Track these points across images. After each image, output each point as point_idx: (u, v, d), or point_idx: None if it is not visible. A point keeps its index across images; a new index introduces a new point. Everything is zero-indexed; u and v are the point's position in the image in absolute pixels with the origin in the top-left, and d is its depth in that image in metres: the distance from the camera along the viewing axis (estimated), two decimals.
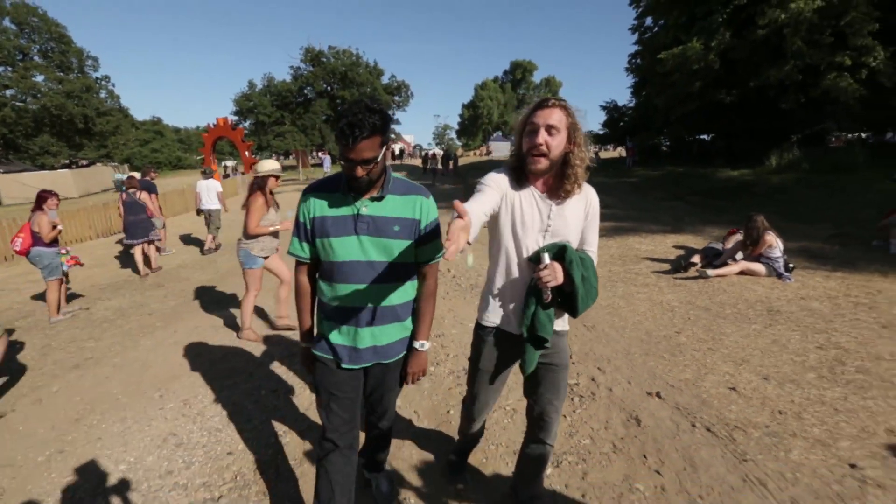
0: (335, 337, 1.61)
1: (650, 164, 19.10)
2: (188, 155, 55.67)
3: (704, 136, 19.74)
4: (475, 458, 2.37)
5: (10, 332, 4.14)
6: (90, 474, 2.35)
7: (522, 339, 1.59)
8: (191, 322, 4.67)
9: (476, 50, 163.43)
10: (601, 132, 23.59)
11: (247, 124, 36.50)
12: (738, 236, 5.70)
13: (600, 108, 23.18)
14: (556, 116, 1.43)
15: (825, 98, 12.26)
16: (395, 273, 1.56)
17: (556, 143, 1.44)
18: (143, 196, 7.04)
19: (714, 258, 5.62)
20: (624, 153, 23.09)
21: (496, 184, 1.54)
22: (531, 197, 1.54)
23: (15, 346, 4.16)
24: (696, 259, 5.65)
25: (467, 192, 15.83)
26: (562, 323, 1.68)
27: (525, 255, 1.57)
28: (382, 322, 1.60)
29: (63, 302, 5.25)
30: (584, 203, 1.59)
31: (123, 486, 2.22)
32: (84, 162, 36.48)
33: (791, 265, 5.24)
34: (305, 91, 38.77)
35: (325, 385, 1.65)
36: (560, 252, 1.49)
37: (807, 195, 9.71)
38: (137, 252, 6.76)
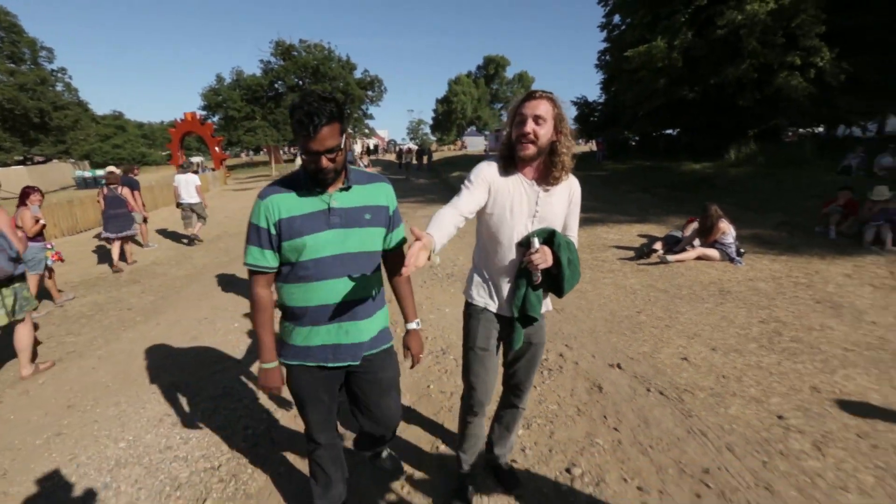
0: (315, 339, 1.55)
1: (619, 159, 19.77)
2: (153, 151, 53.71)
3: (671, 132, 20.55)
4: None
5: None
6: (92, 452, 2.47)
7: (513, 318, 1.69)
8: (172, 316, 4.73)
9: (449, 45, 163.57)
10: (572, 127, 24.12)
11: (216, 119, 35.56)
12: (696, 224, 6.13)
13: (571, 104, 23.66)
14: (542, 107, 1.53)
15: (778, 95, 13.01)
16: (370, 262, 1.57)
17: (543, 132, 1.54)
18: (125, 192, 7.00)
19: (674, 245, 6.03)
20: (595, 148, 23.75)
21: (483, 179, 1.61)
22: (520, 185, 1.62)
23: None
24: (657, 246, 6.05)
25: (443, 187, 15.91)
26: (545, 305, 1.78)
27: (515, 239, 1.64)
28: (365, 314, 1.58)
29: (55, 292, 5.34)
30: (569, 191, 1.69)
31: (126, 461, 2.35)
32: (39, 158, 34.82)
33: (742, 250, 5.70)
34: (276, 85, 38.02)
35: (303, 393, 1.62)
36: (549, 236, 1.59)
37: (760, 187, 10.36)
38: (115, 246, 6.74)
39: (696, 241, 5.90)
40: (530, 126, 1.53)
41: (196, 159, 37.22)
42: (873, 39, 12.67)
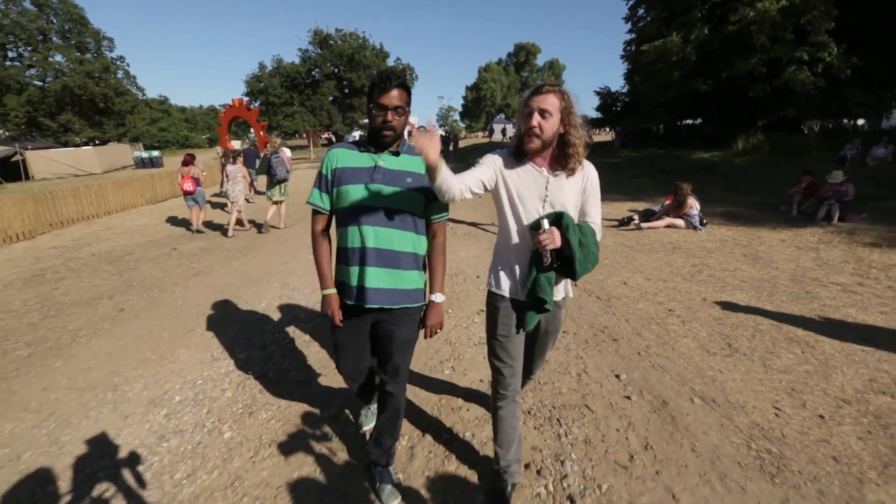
0: (350, 278, 1.74)
1: (635, 147, 20.64)
2: (194, 134, 56.85)
3: (691, 121, 21.21)
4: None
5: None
6: (262, 298, 4.16)
7: (524, 302, 1.71)
8: (269, 250, 6.45)
9: (480, 32, 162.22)
10: (596, 116, 25.01)
11: (256, 105, 37.88)
12: (671, 200, 7.41)
13: (594, 94, 24.56)
14: (549, 101, 1.54)
15: (786, 88, 13.75)
16: (403, 221, 1.72)
17: (548, 126, 1.56)
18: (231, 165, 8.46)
19: (651, 216, 7.35)
20: (614, 136, 24.59)
21: (491, 162, 1.67)
22: (530, 171, 1.65)
23: (142, 265, 5.98)
24: (635, 217, 7.38)
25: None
26: (562, 292, 1.81)
27: (526, 223, 1.67)
28: (387, 265, 1.72)
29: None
30: (582, 178, 1.69)
31: (276, 303, 4.03)
32: (96, 140, 38.19)
33: (705, 221, 6.98)
34: (314, 73, 39.92)
35: (336, 336, 1.86)
36: (557, 218, 1.60)
37: (755, 173, 11.36)
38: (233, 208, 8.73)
39: (669, 214, 7.21)
40: (536, 119, 1.56)
41: (236, 143, 39.81)
42: (881, 35, 13.22)
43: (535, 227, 1.61)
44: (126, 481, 2.09)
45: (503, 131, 38.02)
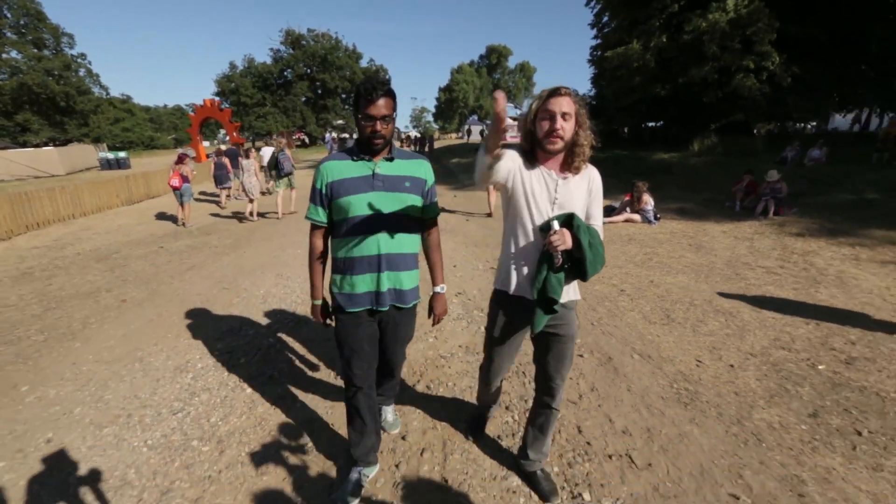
0: (361, 287, 1.77)
1: (601, 148, 21.60)
2: (160, 135, 55.15)
3: (652, 124, 22.41)
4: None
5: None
6: (285, 285, 4.55)
7: (533, 301, 1.70)
8: (257, 245, 6.78)
9: (452, 34, 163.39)
10: None
11: (227, 105, 37.38)
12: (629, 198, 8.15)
13: None
14: (567, 104, 1.59)
15: (736, 94, 14.89)
16: (405, 224, 1.78)
17: (569, 127, 1.61)
18: (225, 160, 10.59)
19: (611, 212, 8.06)
20: None
21: (513, 156, 1.70)
22: (540, 174, 1.69)
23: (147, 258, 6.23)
24: None
25: (442, 172, 17.76)
26: (570, 294, 1.80)
27: (537, 224, 1.69)
28: (397, 268, 1.79)
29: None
30: (588, 180, 1.73)
31: (271, 298, 4.43)
32: (56, 141, 36.78)
33: (658, 216, 7.73)
34: (286, 73, 39.72)
35: (347, 342, 1.84)
36: (568, 220, 1.63)
37: (709, 173, 12.35)
38: (223, 194, 10.40)
39: (627, 210, 7.93)
40: (560, 122, 1.58)
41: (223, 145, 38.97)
42: (819, 47, 14.53)
43: (546, 228, 1.64)
44: (171, 424, 2.52)
45: (482, 133, 38.91)
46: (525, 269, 1.77)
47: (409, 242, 1.82)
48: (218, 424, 2.50)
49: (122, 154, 27.80)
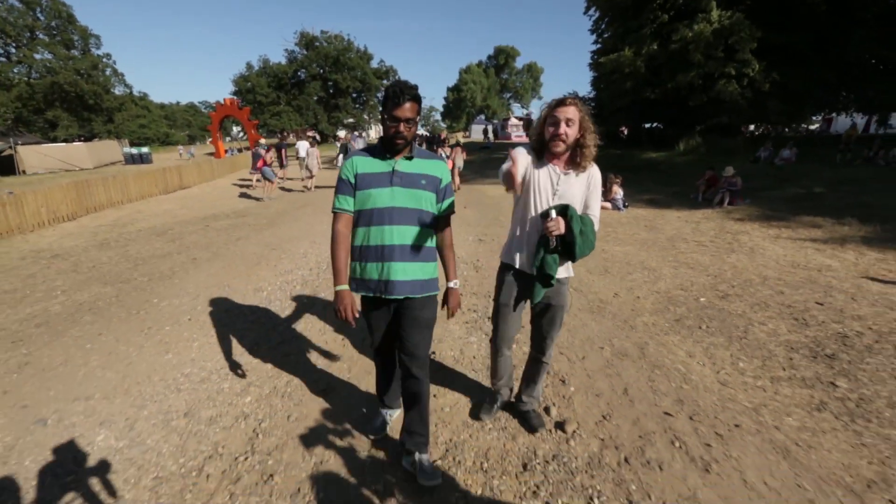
0: (372, 274, 1.94)
1: (599, 147, 22.91)
2: (174, 131, 56.97)
3: (649, 125, 23.61)
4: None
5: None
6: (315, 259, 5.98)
7: (533, 276, 2.01)
8: (288, 223, 8.22)
9: (461, 33, 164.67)
10: None
11: (244, 104, 39.08)
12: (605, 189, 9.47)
13: None
14: (571, 111, 1.88)
15: (719, 98, 16.09)
16: (420, 219, 1.93)
17: (571, 133, 1.90)
18: (262, 150, 12.61)
19: None
20: None
21: (524, 155, 1.99)
22: (547, 170, 1.99)
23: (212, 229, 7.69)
24: None
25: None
26: (564, 272, 2.09)
27: (538, 211, 1.99)
28: (411, 259, 1.94)
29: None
30: (588, 176, 2.01)
31: (297, 269, 5.86)
32: (82, 137, 38.74)
33: (627, 204, 9.06)
34: (299, 73, 41.30)
35: (368, 320, 2.09)
36: (564, 209, 1.91)
37: (690, 170, 13.55)
38: (255, 179, 12.83)
39: (601, 198, 9.25)
40: (563, 128, 1.88)
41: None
42: (798, 55, 15.68)
43: (545, 215, 1.91)
44: (258, 316, 3.95)
45: (485, 132, 40.16)
46: (527, 248, 2.07)
47: (422, 236, 1.94)
48: (285, 320, 3.96)
49: (144, 149, 29.55)
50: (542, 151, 2.02)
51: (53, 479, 2.13)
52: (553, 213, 1.88)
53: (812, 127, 32.00)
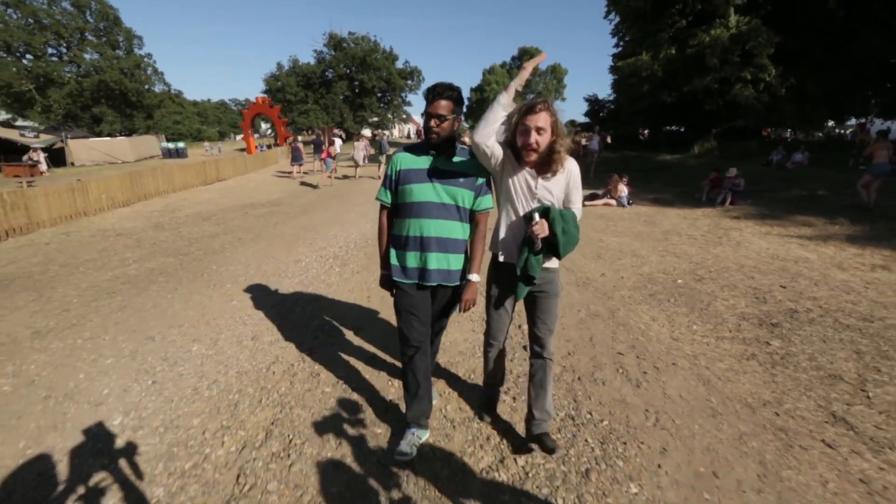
0: (411, 262, 2.09)
1: (612, 149, 23.31)
2: (206, 127, 59.26)
3: (668, 128, 23.83)
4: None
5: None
6: (341, 238, 6.86)
7: (517, 276, 2.06)
8: (319, 211, 9.14)
9: (484, 33, 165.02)
10: (584, 120, 27.66)
11: (275, 102, 40.72)
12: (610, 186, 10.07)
13: (584, 100, 27.17)
14: (542, 119, 1.87)
15: (735, 102, 16.37)
16: (457, 213, 2.07)
17: (543, 140, 1.90)
18: (299, 145, 14.53)
19: (594, 198, 10.02)
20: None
21: (499, 150, 2.03)
22: (524, 174, 2.03)
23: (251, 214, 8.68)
24: None
25: None
26: (552, 262, 2.13)
27: (521, 213, 2.05)
28: (446, 250, 2.07)
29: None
30: (565, 175, 2.05)
31: (322, 251, 6.74)
32: (123, 132, 41.16)
33: (631, 202, 9.64)
34: (327, 73, 42.72)
35: (404, 306, 2.15)
36: (546, 211, 1.97)
37: (697, 172, 13.96)
38: (295, 170, 14.92)
39: (607, 196, 9.87)
40: (533, 137, 1.88)
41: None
42: (814, 60, 15.84)
43: (528, 218, 1.96)
44: (300, 278, 4.81)
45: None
46: (512, 245, 2.12)
47: (457, 229, 2.08)
48: (319, 276, 4.81)
49: (180, 145, 31.29)
50: (518, 154, 2.03)
51: (168, 368, 3.04)
52: (536, 217, 1.94)
53: (847, 132, 31.39)
